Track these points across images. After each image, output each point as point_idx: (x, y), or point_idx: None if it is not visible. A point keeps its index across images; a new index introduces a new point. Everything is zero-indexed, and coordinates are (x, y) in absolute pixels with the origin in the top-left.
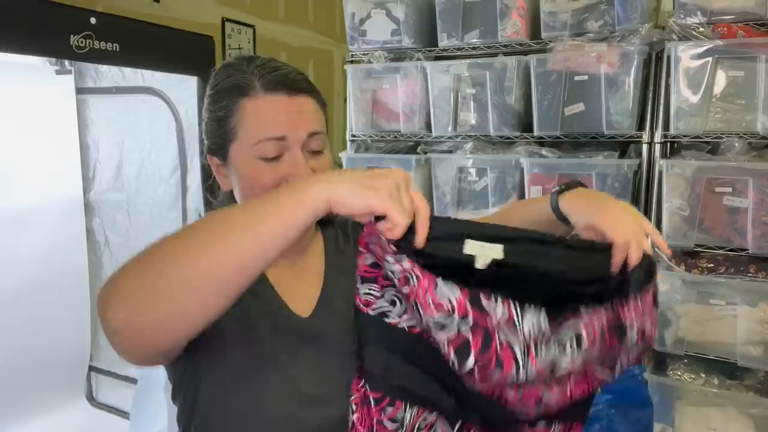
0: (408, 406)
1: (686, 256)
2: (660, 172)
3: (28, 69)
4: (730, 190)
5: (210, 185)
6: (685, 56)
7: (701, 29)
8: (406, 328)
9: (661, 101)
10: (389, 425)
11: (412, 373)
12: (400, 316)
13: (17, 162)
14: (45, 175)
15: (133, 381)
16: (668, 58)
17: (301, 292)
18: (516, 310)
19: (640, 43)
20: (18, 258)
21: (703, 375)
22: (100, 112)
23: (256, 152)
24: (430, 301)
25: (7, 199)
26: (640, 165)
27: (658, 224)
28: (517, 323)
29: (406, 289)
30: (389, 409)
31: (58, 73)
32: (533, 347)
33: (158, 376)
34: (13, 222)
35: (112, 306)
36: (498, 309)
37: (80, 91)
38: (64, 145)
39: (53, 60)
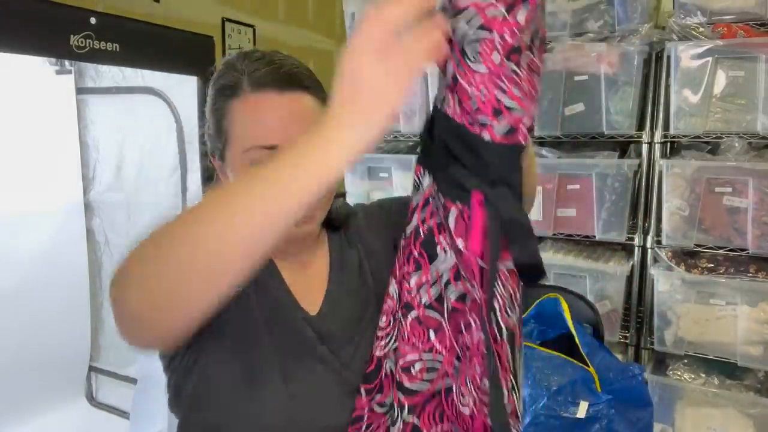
0: None
1: (686, 256)
2: (660, 172)
3: (28, 69)
4: (730, 190)
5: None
6: (685, 56)
7: (701, 29)
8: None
9: (661, 101)
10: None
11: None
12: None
13: (17, 162)
14: (45, 175)
15: (133, 381)
16: (668, 58)
17: (309, 291)
18: None
19: (640, 43)
20: (18, 258)
21: (703, 375)
22: (100, 112)
23: (248, 159)
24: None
25: (7, 199)
26: (640, 165)
27: (658, 224)
28: None
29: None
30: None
31: (58, 73)
32: None
33: (158, 376)
34: (12, 222)
35: (127, 288)
36: None
37: (80, 91)
38: (64, 145)
39: (53, 60)
